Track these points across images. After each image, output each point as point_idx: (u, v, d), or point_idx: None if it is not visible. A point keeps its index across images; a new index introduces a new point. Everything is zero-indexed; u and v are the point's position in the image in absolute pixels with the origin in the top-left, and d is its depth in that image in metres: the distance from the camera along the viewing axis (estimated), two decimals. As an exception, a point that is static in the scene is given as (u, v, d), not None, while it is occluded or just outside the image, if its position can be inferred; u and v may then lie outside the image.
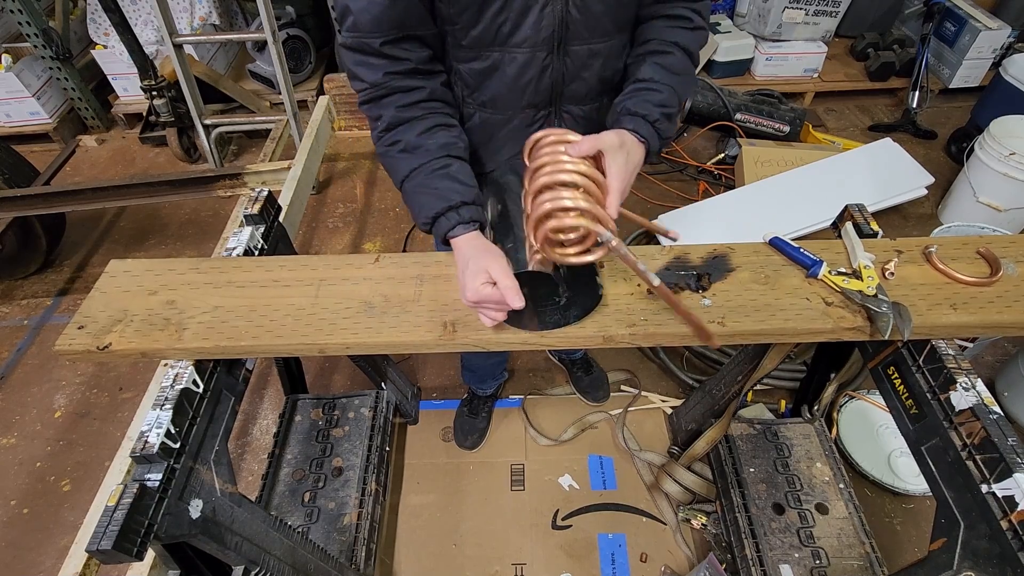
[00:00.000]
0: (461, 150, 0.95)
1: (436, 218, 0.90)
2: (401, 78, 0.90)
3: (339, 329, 0.93)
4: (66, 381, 2.19)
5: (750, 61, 3.43)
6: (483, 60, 0.95)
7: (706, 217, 2.47)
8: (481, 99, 1.01)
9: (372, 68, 0.88)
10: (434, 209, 0.89)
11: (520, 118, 1.04)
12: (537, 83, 0.97)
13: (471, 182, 0.93)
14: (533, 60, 0.94)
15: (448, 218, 0.89)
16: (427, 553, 1.71)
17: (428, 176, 0.91)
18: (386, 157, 0.95)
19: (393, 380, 1.85)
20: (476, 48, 0.93)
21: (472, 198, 0.91)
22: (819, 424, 1.71)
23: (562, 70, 0.97)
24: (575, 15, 0.90)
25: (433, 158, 0.91)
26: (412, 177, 0.92)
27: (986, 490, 0.81)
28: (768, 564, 1.43)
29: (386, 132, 0.93)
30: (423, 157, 0.91)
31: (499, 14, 0.88)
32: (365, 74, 0.89)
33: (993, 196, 2.42)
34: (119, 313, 0.96)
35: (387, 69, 0.88)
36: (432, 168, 0.91)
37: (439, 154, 0.91)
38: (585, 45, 0.94)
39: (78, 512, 1.82)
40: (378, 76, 0.89)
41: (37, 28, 2.97)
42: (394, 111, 0.91)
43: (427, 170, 0.91)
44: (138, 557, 0.76)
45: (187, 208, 2.95)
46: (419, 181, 0.91)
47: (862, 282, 0.93)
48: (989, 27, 3.08)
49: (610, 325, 0.92)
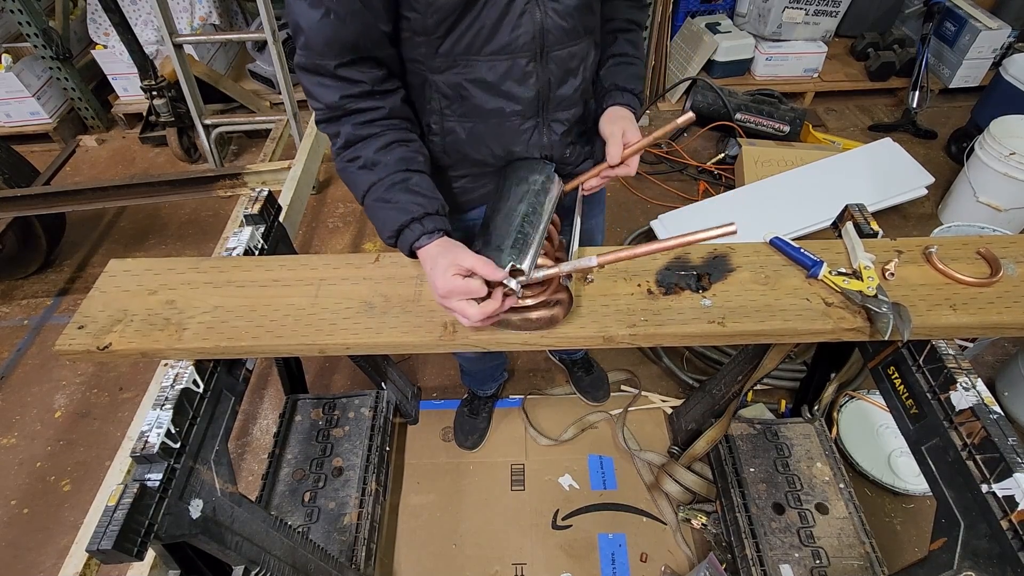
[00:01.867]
0: (420, 163, 0.94)
1: (400, 231, 0.89)
2: (357, 100, 0.88)
3: (339, 329, 0.93)
4: (66, 381, 2.19)
5: (750, 61, 3.43)
6: (460, 69, 0.93)
7: (706, 217, 2.47)
8: (462, 111, 0.99)
9: (328, 89, 0.87)
10: (397, 222, 0.88)
11: (507, 126, 1.01)
12: (521, 92, 0.96)
13: (433, 194, 0.92)
14: (514, 68, 0.93)
15: (412, 230, 0.88)
16: (427, 553, 1.71)
17: (387, 191, 0.89)
18: (345, 172, 0.94)
19: (393, 380, 1.85)
20: (452, 57, 0.91)
21: (436, 208, 0.90)
22: (819, 424, 1.71)
23: (547, 77, 0.96)
24: (555, 20, 0.90)
25: (391, 172, 0.90)
26: (372, 192, 0.91)
27: (986, 490, 0.81)
28: (768, 564, 1.43)
29: (344, 149, 0.92)
30: (381, 172, 0.90)
31: (475, 22, 0.87)
32: (321, 95, 0.88)
33: (993, 196, 2.42)
34: (119, 313, 0.96)
35: (343, 92, 0.87)
36: (391, 182, 0.89)
37: (397, 167, 0.90)
38: (565, 49, 0.95)
39: (78, 512, 1.82)
40: (334, 98, 0.87)
41: (37, 28, 2.98)
42: (351, 128, 0.90)
43: (386, 184, 0.89)
44: (138, 557, 0.76)
45: (187, 208, 2.95)
46: (379, 195, 0.90)
47: (862, 282, 0.93)
48: (989, 27, 3.08)
49: (610, 325, 0.92)
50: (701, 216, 2.48)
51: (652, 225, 2.47)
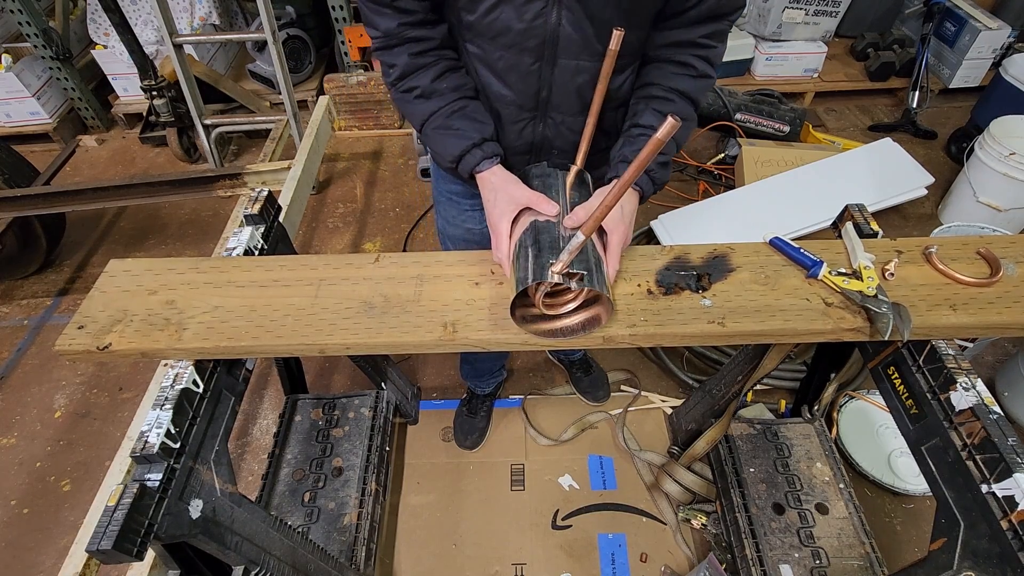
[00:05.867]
0: (472, 90, 1.01)
1: (461, 156, 0.97)
2: (413, 28, 0.94)
3: (339, 329, 0.93)
4: (66, 381, 2.19)
5: (750, 61, 3.43)
6: (480, 44, 0.97)
7: (706, 217, 2.47)
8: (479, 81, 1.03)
9: (386, 17, 0.92)
10: (459, 148, 0.97)
11: (506, 114, 1.04)
12: (523, 86, 0.99)
13: (486, 119, 1.00)
14: (520, 63, 0.95)
15: (472, 155, 0.97)
16: (427, 553, 1.71)
17: (447, 119, 0.97)
18: (403, 103, 1.00)
19: (393, 380, 1.85)
20: (473, 32, 0.96)
21: (490, 134, 0.98)
22: (819, 424, 1.71)
23: (549, 80, 0.98)
24: (567, 30, 0.90)
25: (449, 102, 0.97)
26: (431, 120, 0.98)
27: (986, 490, 0.81)
28: (768, 564, 1.43)
29: (400, 80, 0.97)
30: (440, 102, 0.97)
31: (491, 10, 0.90)
32: (380, 22, 0.93)
33: (993, 196, 2.42)
34: (119, 313, 0.96)
35: (400, 20, 0.92)
36: (450, 111, 0.97)
37: (453, 97, 0.97)
38: (573, 61, 0.95)
39: (78, 512, 1.82)
40: (392, 25, 0.92)
41: (37, 28, 2.98)
42: (408, 58, 0.95)
43: (445, 113, 0.97)
44: (138, 557, 0.76)
45: (187, 208, 2.95)
46: (439, 123, 0.97)
47: (862, 282, 0.93)
48: (989, 27, 3.08)
49: (610, 325, 0.92)
50: (701, 216, 2.48)
51: (652, 225, 2.47)
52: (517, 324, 0.89)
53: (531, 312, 0.91)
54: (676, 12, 0.94)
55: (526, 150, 1.09)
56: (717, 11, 0.94)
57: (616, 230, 0.90)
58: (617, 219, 0.90)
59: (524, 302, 0.92)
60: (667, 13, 0.95)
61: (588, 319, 0.90)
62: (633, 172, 0.70)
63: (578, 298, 0.90)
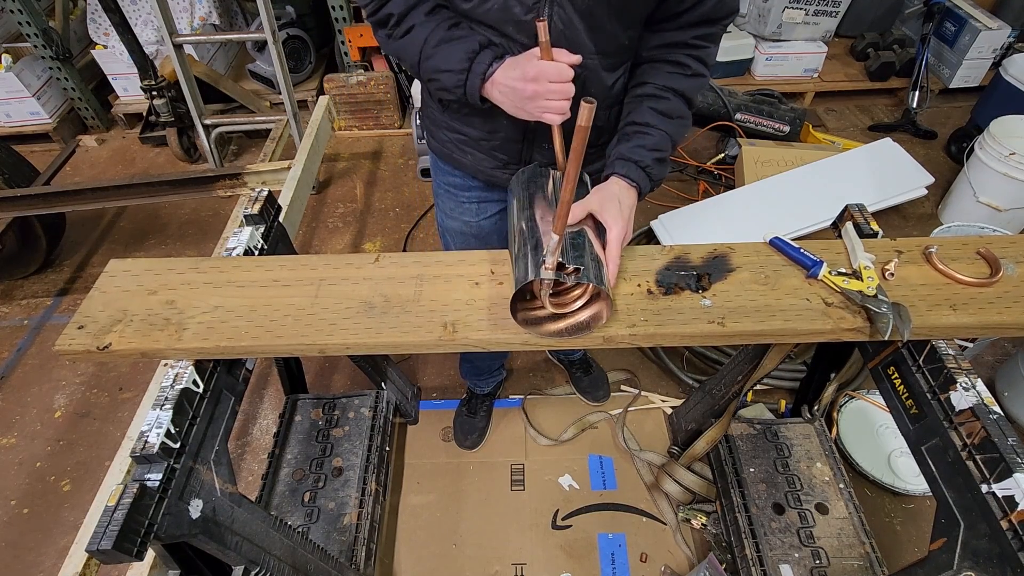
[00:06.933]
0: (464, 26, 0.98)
1: (471, 61, 0.91)
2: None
3: (339, 329, 0.93)
4: (66, 381, 2.19)
5: (750, 61, 3.43)
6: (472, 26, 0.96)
7: (706, 217, 2.47)
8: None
9: None
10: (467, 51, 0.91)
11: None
12: None
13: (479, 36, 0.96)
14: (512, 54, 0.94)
15: (483, 56, 0.91)
16: (427, 553, 1.71)
17: (447, 31, 0.93)
18: (397, 44, 0.97)
19: (393, 380, 1.85)
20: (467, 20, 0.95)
21: (487, 41, 0.94)
22: (819, 424, 1.71)
23: None
24: (558, 27, 0.90)
25: (446, 18, 0.94)
26: (430, 40, 0.94)
27: (986, 490, 0.81)
28: (768, 564, 1.43)
29: (396, 26, 0.96)
30: (437, 20, 0.94)
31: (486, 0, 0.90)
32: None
33: (993, 196, 2.42)
34: (119, 313, 0.96)
35: None
36: (448, 26, 0.93)
37: (449, 14, 0.95)
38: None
39: (78, 512, 1.82)
40: None
41: (37, 28, 2.98)
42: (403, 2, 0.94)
43: (443, 28, 0.93)
44: (138, 557, 0.76)
45: (187, 208, 2.95)
46: (439, 38, 0.93)
47: (862, 282, 0.93)
48: (989, 27, 3.08)
49: (610, 325, 0.92)
50: (701, 216, 2.48)
51: (652, 225, 2.47)
52: (521, 327, 0.89)
53: (536, 314, 0.91)
54: (669, 15, 0.95)
55: (520, 138, 1.09)
56: (711, 16, 0.95)
57: (614, 226, 0.89)
58: (615, 215, 0.89)
59: (528, 304, 0.92)
60: (660, 16, 0.96)
61: (592, 316, 0.91)
62: (574, 164, 0.72)
63: (585, 294, 0.90)
